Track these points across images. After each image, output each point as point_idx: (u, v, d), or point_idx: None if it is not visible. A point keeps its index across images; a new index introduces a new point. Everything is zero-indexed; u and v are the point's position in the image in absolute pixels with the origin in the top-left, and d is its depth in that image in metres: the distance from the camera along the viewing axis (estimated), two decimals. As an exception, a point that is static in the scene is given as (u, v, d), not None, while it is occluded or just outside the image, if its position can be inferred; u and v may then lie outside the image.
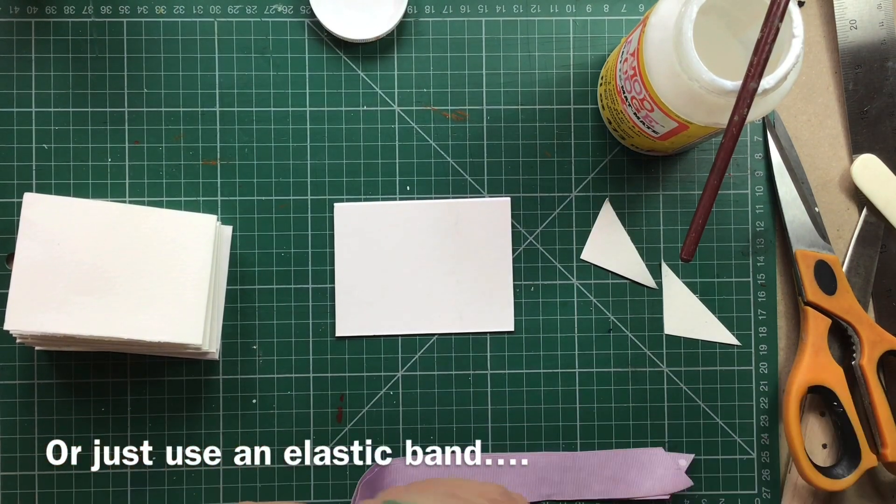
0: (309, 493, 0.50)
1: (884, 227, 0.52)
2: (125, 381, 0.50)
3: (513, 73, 0.52)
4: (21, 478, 0.50)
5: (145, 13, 0.51)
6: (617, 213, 0.51)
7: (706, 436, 0.51)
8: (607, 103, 0.49)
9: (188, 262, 0.46)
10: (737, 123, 0.36)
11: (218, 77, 0.51)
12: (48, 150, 0.50)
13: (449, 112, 0.51)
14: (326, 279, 0.50)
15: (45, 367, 0.50)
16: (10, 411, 0.50)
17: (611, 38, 0.52)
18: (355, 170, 0.51)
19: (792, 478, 0.51)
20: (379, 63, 0.51)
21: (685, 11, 0.37)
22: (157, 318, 0.45)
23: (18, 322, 0.44)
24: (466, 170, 0.51)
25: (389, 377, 0.51)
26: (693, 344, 0.51)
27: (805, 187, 0.52)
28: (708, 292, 0.52)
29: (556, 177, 0.51)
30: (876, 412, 0.49)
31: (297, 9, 0.51)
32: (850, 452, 0.49)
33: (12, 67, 0.50)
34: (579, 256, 0.51)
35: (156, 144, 0.51)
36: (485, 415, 0.51)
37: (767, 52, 0.36)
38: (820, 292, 0.50)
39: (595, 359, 0.51)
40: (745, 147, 0.52)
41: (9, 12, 0.51)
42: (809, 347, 0.49)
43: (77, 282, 0.45)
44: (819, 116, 0.53)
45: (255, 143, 0.51)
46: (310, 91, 0.51)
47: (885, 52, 0.52)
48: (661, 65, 0.40)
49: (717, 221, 0.52)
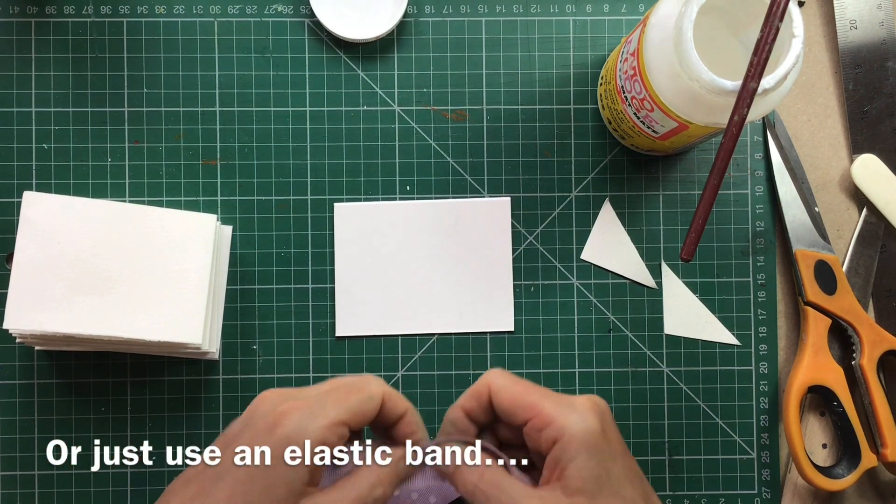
0: (309, 493, 0.50)
1: (884, 227, 0.52)
2: (125, 381, 0.50)
3: (513, 73, 0.52)
4: (21, 478, 0.50)
5: (145, 13, 0.51)
6: (617, 213, 0.51)
7: (706, 436, 0.51)
8: (607, 103, 0.49)
9: (188, 262, 0.46)
10: (737, 123, 0.36)
11: (218, 77, 0.51)
12: (48, 150, 0.50)
13: (449, 112, 0.51)
14: (326, 279, 0.50)
15: (45, 367, 0.50)
16: (10, 411, 0.50)
17: (611, 38, 0.52)
18: (355, 170, 0.51)
19: (792, 478, 0.51)
20: (379, 63, 0.51)
21: (685, 11, 0.37)
22: (156, 317, 0.45)
23: (18, 321, 0.44)
24: (466, 170, 0.51)
25: (389, 377, 0.51)
26: (693, 344, 0.51)
27: (805, 187, 0.52)
28: (708, 292, 0.52)
29: (556, 177, 0.51)
30: (876, 412, 0.49)
31: (297, 9, 0.51)
32: (850, 452, 0.49)
33: (12, 67, 0.50)
34: (579, 256, 0.51)
35: (156, 144, 0.51)
36: (485, 415, 0.51)
37: (767, 52, 0.36)
38: (820, 292, 0.50)
39: (595, 359, 0.51)
40: (745, 147, 0.52)
41: (9, 12, 0.51)
42: (809, 347, 0.49)
43: (77, 281, 0.45)
44: (819, 116, 0.53)
45: (255, 143, 0.51)
46: (310, 91, 0.51)
47: (885, 52, 0.52)
48: (661, 65, 0.40)
49: (717, 221, 0.52)
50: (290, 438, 0.35)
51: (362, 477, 0.37)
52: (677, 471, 0.51)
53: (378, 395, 0.37)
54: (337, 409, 0.36)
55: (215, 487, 0.34)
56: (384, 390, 0.37)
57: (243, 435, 0.36)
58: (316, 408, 0.36)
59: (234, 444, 0.35)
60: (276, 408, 0.36)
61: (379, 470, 0.37)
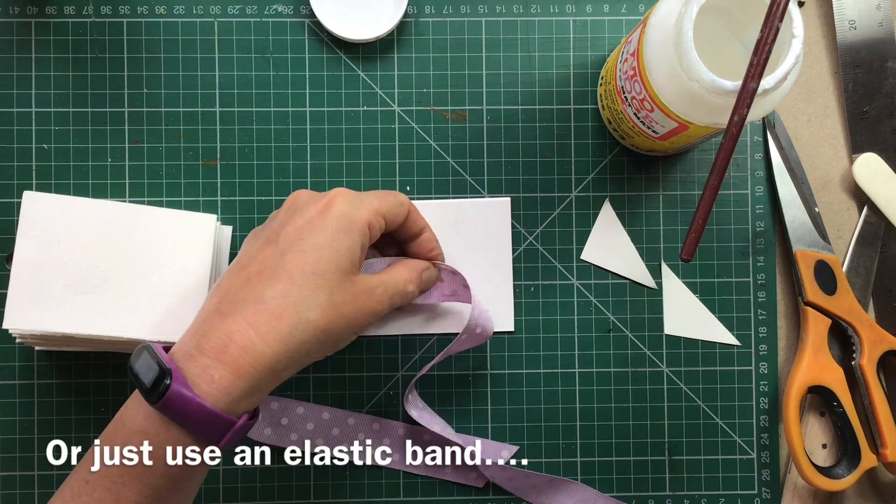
0: (309, 493, 0.50)
1: (884, 227, 0.52)
2: (125, 381, 0.50)
3: (513, 73, 0.52)
4: (21, 478, 0.50)
5: (145, 13, 0.51)
6: (617, 213, 0.51)
7: (706, 436, 0.51)
8: (607, 103, 0.49)
9: (188, 262, 0.46)
10: (737, 123, 0.36)
11: (218, 77, 0.51)
12: (48, 150, 0.50)
13: (449, 112, 0.51)
14: (326, 279, 0.50)
15: (45, 367, 0.50)
16: (10, 411, 0.50)
17: (611, 38, 0.52)
18: (355, 170, 0.51)
19: (792, 478, 0.51)
20: (379, 63, 0.51)
21: (685, 11, 0.37)
22: (156, 317, 0.45)
23: (18, 320, 0.44)
24: (466, 170, 0.51)
25: (389, 377, 0.51)
26: (693, 344, 0.51)
27: (805, 187, 0.52)
28: (708, 292, 0.52)
29: (556, 177, 0.51)
30: (876, 412, 0.49)
31: (297, 9, 0.51)
32: (850, 452, 0.49)
33: (12, 67, 0.50)
34: (579, 256, 0.51)
35: (156, 144, 0.51)
36: (485, 415, 0.51)
37: (767, 52, 0.36)
38: (820, 292, 0.50)
39: (595, 359, 0.51)
40: (745, 147, 0.52)
41: (9, 12, 0.51)
42: (809, 347, 0.49)
43: (77, 281, 0.45)
44: (819, 116, 0.53)
45: (255, 143, 0.51)
46: (310, 91, 0.51)
47: (885, 53, 0.52)
48: (661, 65, 0.40)
49: (717, 221, 0.52)
50: (345, 215, 0.40)
51: (398, 272, 0.44)
52: (677, 471, 0.51)
53: (406, 202, 0.44)
54: (378, 201, 0.42)
55: (283, 259, 0.39)
56: (410, 201, 0.44)
57: (295, 220, 0.40)
58: (360, 197, 0.42)
59: (286, 229, 0.40)
60: (321, 196, 0.41)
61: (409, 270, 0.44)
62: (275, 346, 0.37)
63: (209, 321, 0.38)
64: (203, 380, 0.36)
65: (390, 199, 0.43)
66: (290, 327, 0.37)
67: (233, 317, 0.38)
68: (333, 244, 0.39)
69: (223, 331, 0.37)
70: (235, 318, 0.37)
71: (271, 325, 0.37)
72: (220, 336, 0.37)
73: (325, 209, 0.40)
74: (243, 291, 0.38)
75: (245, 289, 0.38)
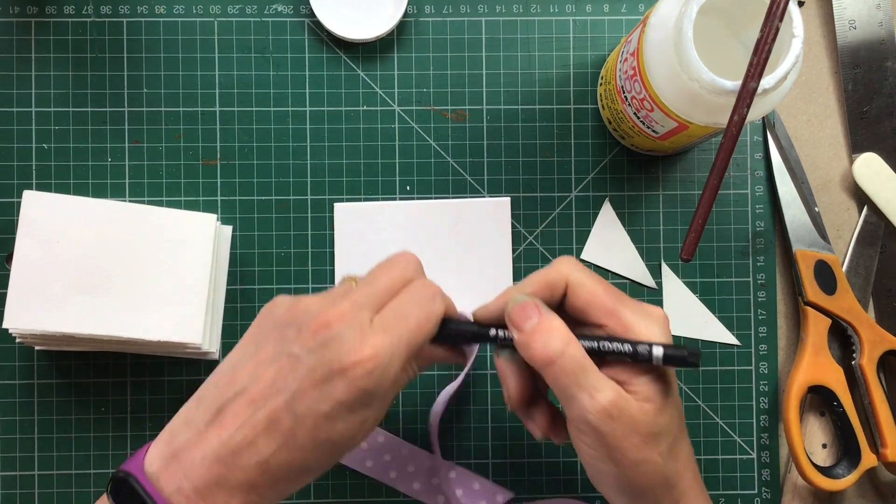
0: (309, 493, 0.50)
1: (884, 227, 0.52)
2: (125, 381, 0.50)
3: (513, 73, 0.52)
4: (21, 478, 0.50)
5: (145, 13, 0.51)
6: (617, 213, 0.51)
7: (706, 436, 0.51)
8: (607, 103, 0.49)
9: (188, 262, 0.46)
10: (737, 123, 0.36)
11: (218, 77, 0.51)
12: (48, 150, 0.50)
13: (449, 112, 0.51)
14: (326, 279, 0.50)
15: (45, 367, 0.50)
16: (10, 411, 0.50)
17: (611, 38, 0.52)
18: (355, 170, 0.51)
19: (792, 478, 0.51)
20: (379, 63, 0.51)
21: (685, 11, 0.37)
22: (156, 317, 0.45)
23: (17, 320, 0.44)
24: (466, 170, 0.51)
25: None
26: (693, 344, 0.51)
27: (805, 187, 0.52)
28: (708, 292, 0.52)
29: (556, 177, 0.51)
30: (876, 412, 0.49)
31: (297, 9, 0.51)
32: (850, 452, 0.49)
33: (12, 67, 0.50)
34: (579, 256, 0.51)
35: (156, 144, 0.51)
36: (485, 415, 0.51)
37: (767, 52, 0.36)
38: (820, 292, 0.50)
39: (595, 359, 0.51)
40: (745, 147, 0.52)
41: (9, 12, 0.51)
42: (809, 347, 0.49)
43: (77, 280, 0.44)
44: (819, 116, 0.53)
45: (255, 143, 0.51)
46: (310, 91, 0.51)
47: (885, 53, 0.52)
48: (661, 65, 0.40)
49: (717, 221, 0.52)
50: (368, 392, 0.33)
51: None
52: (677, 471, 0.51)
53: (439, 306, 0.36)
54: (407, 332, 0.34)
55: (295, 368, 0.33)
56: (441, 291, 0.36)
57: (299, 369, 0.33)
58: (389, 346, 0.33)
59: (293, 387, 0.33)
60: (326, 341, 0.33)
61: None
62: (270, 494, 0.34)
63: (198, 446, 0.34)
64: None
65: (420, 314, 0.35)
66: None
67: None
68: (351, 428, 0.34)
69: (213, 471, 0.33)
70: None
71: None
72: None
73: (335, 374, 0.33)
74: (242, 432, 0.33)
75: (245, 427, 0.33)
